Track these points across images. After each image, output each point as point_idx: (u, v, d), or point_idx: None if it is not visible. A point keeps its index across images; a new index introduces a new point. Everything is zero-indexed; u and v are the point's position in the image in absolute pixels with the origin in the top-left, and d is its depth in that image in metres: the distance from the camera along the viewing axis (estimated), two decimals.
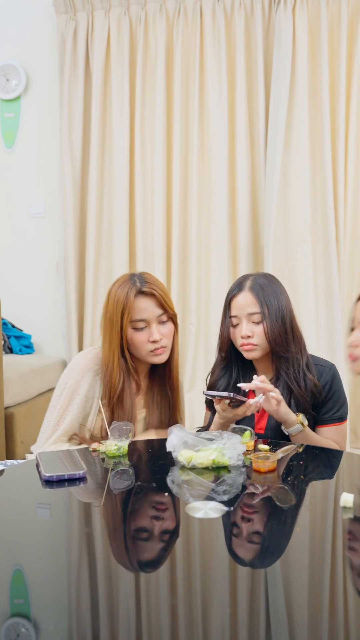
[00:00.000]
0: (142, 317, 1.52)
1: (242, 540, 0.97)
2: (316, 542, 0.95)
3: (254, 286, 1.60)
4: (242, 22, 3.04)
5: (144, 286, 1.53)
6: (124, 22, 3.16)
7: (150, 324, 1.53)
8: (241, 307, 1.60)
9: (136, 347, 1.53)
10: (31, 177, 3.45)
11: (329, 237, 2.98)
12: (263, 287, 1.60)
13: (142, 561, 0.90)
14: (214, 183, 3.11)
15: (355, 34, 2.97)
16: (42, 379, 3.04)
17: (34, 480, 1.21)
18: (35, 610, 0.77)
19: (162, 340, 1.54)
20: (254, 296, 1.58)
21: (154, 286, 1.54)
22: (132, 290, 1.52)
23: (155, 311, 1.53)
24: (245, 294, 1.60)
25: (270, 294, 1.59)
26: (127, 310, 1.51)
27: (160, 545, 0.94)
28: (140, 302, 1.52)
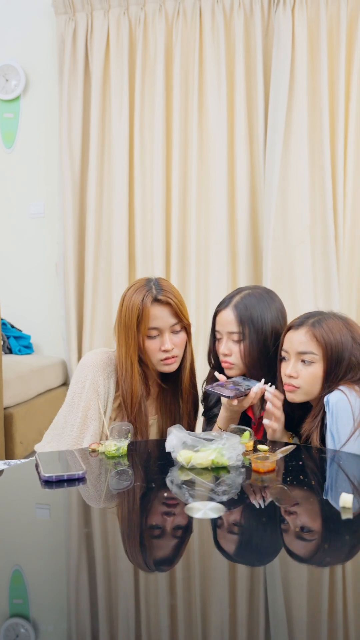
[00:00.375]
0: (156, 325, 1.50)
1: (241, 540, 0.97)
2: (315, 542, 0.95)
3: (239, 305, 1.56)
4: (242, 22, 3.04)
5: (160, 294, 1.50)
6: (123, 22, 3.16)
7: (163, 332, 1.51)
8: (223, 324, 1.58)
9: (147, 354, 1.51)
10: (30, 177, 3.45)
11: (328, 237, 2.98)
12: (249, 306, 1.55)
13: (141, 561, 0.90)
14: (213, 183, 3.11)
15: (354, 35, 2.97)
16: (41, 379, 3.04)
17: (33, 480, 1.21)
18: (34, 610, 0.77)
19: (174, 350, 1.52)
20: (235, 315, 1.55)
21: (170, 294, 1.51)
22: (147, 297, 1.49)
23: (170, 320, 1.51)
24: (229, 311, 1.56)
25: (255, 314, 1.54)
26: (142, 317, 1.48)
27: (160, 545, 0.94)
28: (155, 310, 1.49)
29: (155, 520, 1.03)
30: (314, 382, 1.43)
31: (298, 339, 1.44)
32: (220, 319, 1.59)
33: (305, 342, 1.43)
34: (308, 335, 1.43)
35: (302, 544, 0.95)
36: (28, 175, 3.45)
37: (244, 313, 1.54)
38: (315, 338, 1.42)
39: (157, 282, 1.54)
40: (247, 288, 1.63)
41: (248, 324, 1.53)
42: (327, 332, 1.42)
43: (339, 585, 0.85)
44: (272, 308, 1.58)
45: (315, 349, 1.42)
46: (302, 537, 0.96)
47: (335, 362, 1.41)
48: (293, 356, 1.45)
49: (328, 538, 0.97)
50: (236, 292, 1.62)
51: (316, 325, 1.44)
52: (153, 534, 0.98)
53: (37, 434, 2.85)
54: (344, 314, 1.53)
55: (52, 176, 3.40)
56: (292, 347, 1.45)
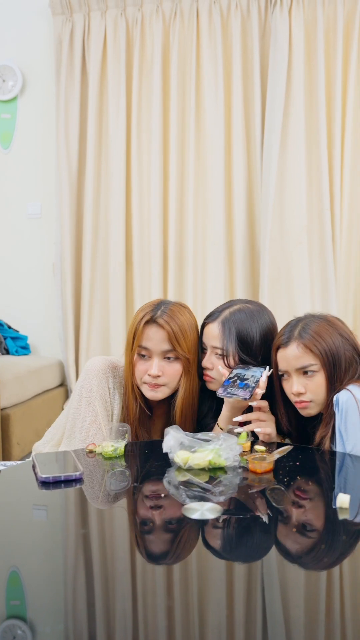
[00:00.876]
0: (146, 345, 1.47)
1: (239, 541, 0.97)
2: (312, 543, 0.95)
3: (227, 320, 1.51)
4: (238, 23, 3.05)
5: (160, 316, 1.46)
6: (121, 23, 3.16)
7: (153, 356, 1.47)
8: (208, 338, 1.54)
9: (134, 374, 1.49)
10: (28, 178, 3.45)
11: (325, 238, 2.99)
12: (236, 323, 1.51)
13: (138, 562, 0.90)
14: (210, 184, 3.11)
15: (350, 36, 2.98)
16: (38, 380, 3.03)
17: (30, 481, 1.21)
18: (31, 612, 0.77)
19: (161, 377, 1.47)
20: (221, 331, 1.51)
21: (170, 321, 1.45)
22: (146, 316, 1.47)
23: (162, 345, 1.46)
24: (215, 325, 1.52)
25: (242, 332, 1.50)
26: (136, 335, 1.47)
27: (157, 546, 0.94)
28: (147, 330, 1.46)
29: (152, 521, 1.03)
30: (322, 391, 1.41)
31: (292, 355, 1.42)
32: (206, 332, 1.55)
33: (300, 356, 1.41)
34: (300, 348, 1.41)
35: (299, 544, 0.95)
36: (25, 175, 3.45)
37: (231, 329, 1.50)
38: (308, 349, 1.40)
39: (168, 305, 1.50)
40: (238, 302, 1.59)
41: (232, 341, 1.50)
42: (317, 338, 1.41)
43: (336, 586, 0.85)
44: (262, 325, 1.53)
45: (313, 359, 1.40)
46: (299, 537, 0.96)
47: (334, 365, 1.41)
48: (293, 373, 1.43)
49: (325, 539, 0.97)
50: (227, 305, 1.58)
51: (304, 335, 1.42)
52: (150, 534, 0.98)
53: (34, 435, 2.84)
54: (321, 313, 1.51)
55: (49, 177, 3.39)
56: (290, 365, 1.43)
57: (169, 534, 0.98)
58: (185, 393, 1.51)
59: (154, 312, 1.47)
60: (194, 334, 1.52)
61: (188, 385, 1.51)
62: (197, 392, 1.57)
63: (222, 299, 3.07)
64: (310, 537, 0.97)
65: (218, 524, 1.01)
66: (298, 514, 1.05)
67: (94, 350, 3.26)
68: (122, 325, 3.22)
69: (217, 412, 1.58)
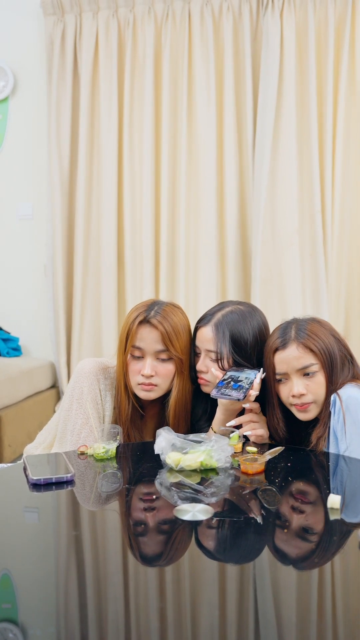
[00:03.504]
0: (139, 345, 1.46)
1: (230, 542, 0.97)
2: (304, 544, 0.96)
3: (220, 323, 1.51)
4: (230, 25, 3.06)
5: (154, 317, 1.45)
6: (112, 24, 3.16)
7: (146, 356, 1.47)
8: (202, 341, 1.53)
9: (128, 374, 1.49)
10: (19, 178, 3.44)
11: (316, 240, 3.00)
12: (229, 325, 1.50)
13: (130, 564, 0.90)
14: (202, 186, 3.12)
15: (341, 39, 3.00)
16: (30, 381, 3.02)
17: (21, 483, 1.21)
18: (23, 615, 0.76)
19: (154, 377, 1.46)
20: (215, 334, 1.50)
21: (164, 321, 1.45)
22: (139, 316, 1.46)
23: (155, 345, 1.46)
24: (208, 329, 1.52)
25: (236, 334, 1.50)
26: (129, 335, 1.47)
27: (148, 548, 0.94)
28: (141, 330, 1.46)
29: (144, 522, 1.03)
30: (322, 391, 1.41)
31: (293, 356, 1.41)
32: (199, 336, 1.54)
33: (301, 357, 1.40)
34: (300, 348, 1.40)
35: (290, 545, 0.95)
36: (16, 176, 3.44)
37: (225, 331, 1.50)
38: (308, 348, 1.40)
39: (162, 305, 1.50)
40: (230, 304, 1.58)
41: (226, 344, 1.49)
42: (314, 338, 1.41)
43: (328, 586, 0.85)
44: (254, 326, 1.53)
45: (313, 359, 1.40)
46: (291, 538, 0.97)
47: (332, 363, 1.41)
48: (294, 375, 1.42)
49: (316, 539, 0.98)
50: (218, 308, 1.57)
51: (301, 335, 1.42)
52: (142, 536, 0.98)
53: (26, 436, 2.83)
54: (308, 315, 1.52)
55: (41, 178, 3.39)
56: (290, 367, 1.42)
57: (160, 535, 0.98)
58: (178, 394, 1.51)
59: (148, 312, 1.47)
60: (186, 334, 1.53)
61: (181, 385, 1.51)
62: (190, 393, 1.57)
63: (214, 300, 3.07)
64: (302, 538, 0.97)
65: (210, 525, 1.01)
66: (289, 515, 1.06)
67: (85, 352, 3.25)
68: (114, 327, 3.22)
69: (212, 415, 1.58)
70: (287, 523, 1.02)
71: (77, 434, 1.47)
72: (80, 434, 1.47)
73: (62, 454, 1.34)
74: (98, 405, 1.51)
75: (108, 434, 1.39)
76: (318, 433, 1.43)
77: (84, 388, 1.50)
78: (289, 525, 1.01)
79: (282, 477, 1.23)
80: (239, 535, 0.99)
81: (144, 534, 0.99)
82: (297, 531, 0.99)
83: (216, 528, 1.01)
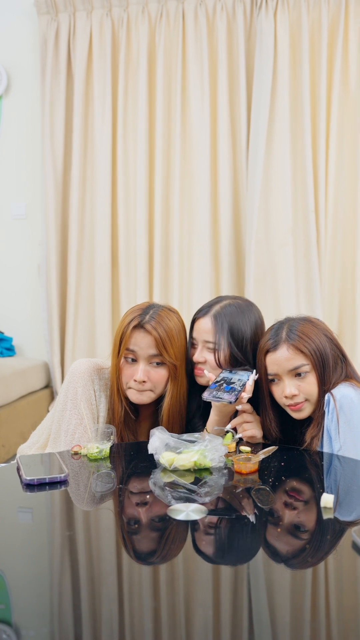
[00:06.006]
0: (133, 349, 1.46)
1: (224, 542, 0.98)
2: (297, 543, 0.96)
3: (219, 315, 1.53)
4: (224, 25, 3.06)
5: (148, 322, 1.45)
6: (106, 23, 3.15)
7: (139, 360, 1.47)
8: (200, 332, 1.55)
9: (120, 378, 1.49)
10: (12, 178, 3.43)
11: (310, 240, 3.01)
12: (227, 317, 1.53)
13: (123, 564, 0.90)
14: (196, 185, 3.12)
15: (335, 39, 3.01)
16: (23, 381, 3.02)
17: (15, 484, 1.20)
18: (16, 615, 0.76)
19: (147, 383, 1.46)
20: (213, 325, 1.52)
21: (158, 326, 1.45)
22: (134, 320, 1.46)
23: (148, 350, 1.45)
24: (207, 320, 1.54)
25: (234, 325, 1.52)
26: (123, 338, 1.46)
27: (142, 548, 0.94)
28: (135, 334, 1.45)
29: (138, 522, 1.03)
30: (315, 391, 1.42)
31: (284, 358, 1.42)
32: (197, 327, 1.56)
33: (292, 358, 1.41)
34: (291, 350, 1.41)
35: (284, 544, 0.95)
36: (10, 176, 3.43)
37: (224, 323, 1.52)
38: (299, 350, 1.41)
39: (157, 309, 1.49)
40: (227, 297, 1.60)
41: (225, 335, 1.51)
42: (305, 339, 1.41)
43: (322, 586, 0.86)
44: (251, 320, 1.55)
45: (304, 360, 1.41)
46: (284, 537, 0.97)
47: (324, 364, 1.41)
48: (285, 376, 1.42)
49: (309, 538, 0.98)
50: (216, 300, 1.60)
51: (292, 337, 1.42)
52: (135, 536, 0.98)
53: (19, 437, 2.83)
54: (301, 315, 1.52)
55: (34, 177, 3.38)
56: (282, 368, 1.42)
57: (154, 535, 0.98)
58: (172, 399, 1.51)
59: (142, 317, 1.46)
60: (182, 339, 1.52)
61: (175, 391, 1.50)
62: (185, 397, 1.56)
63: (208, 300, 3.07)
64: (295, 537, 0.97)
65: (203, 525, 1.01)
66: (283, 514, 1.06)
67: (79, 352, 3.25)
68: (108, 327, 3.21)
69: (206, 411, 1.58)
70: (281, 522, 1.03)
71: (71, 434, 1.47)
72: (74, 434, 1.47)
73: (56, 454, 1.34)
74: (92, 405, 1.51)
75: (102, 434, 1.39)
76: (312, 433, 1.43)
77: (78, 388, 1.50)
78: (282, 524, 1.02)
79: (275, 476, 1.24)
80: (233, 535, 0.99)
81: (137, 534, 0.99)
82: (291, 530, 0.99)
83: (210, 528, 1.01)
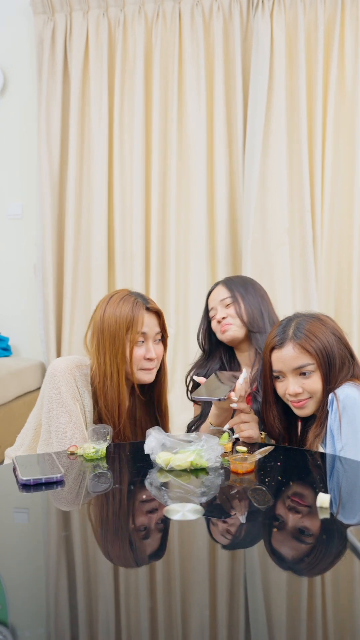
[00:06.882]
0: (145, 331, 1.52)
1: (220, 541, 0.98)
2: (294, 542, 0.96)
3: (227, 281, 1.79)
4: (221, 25, 3.06)
5: (148, 303, 1.55)
6: (103, 23, 3.15)
7: (148, 340, 1.54)
8: (214, 299, 1.76)
9: (132, 362, 1.51)
10: (8, 178, 3.42)
11: (306, 239, 3.01)
12: (234, 280, 1.78)
13: (120, 564, 0.90)
14: (192, 185, 3.12)
15: (331, 39, 3.01)
16: (19, 382, 3.01)
17: (11, 484, 1.20)
18: (12, 616, 0.76)
19: (155, 360, 1.54)
20: (224, 286, 1.76)
21: (156, 305, 1.58)
22: (138, 305, 1.52)
23: (155, 329, 1.55)
24: (218, 288, 1.78)
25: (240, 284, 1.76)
26: (133, 323, 1.50)
27: (139, 548, 0.94)
28: (146, 318, 1.53)
29: (134, 522, 1.03)
30: (319, 389, 1.41)
31: (288, 356, 1.41)
32: (211, 297, 1.78)
33: (297, 357, 1.40)
34: (296, 349, 1.40)
35: (280, 544, 0.95)
36: (6, 176, 3.42)
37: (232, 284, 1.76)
38: (304, 349, 1.40)
39: (140, 294, 1.58)
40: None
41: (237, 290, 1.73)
42: (312, 338, 1.40)
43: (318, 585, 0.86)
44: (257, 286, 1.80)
45: (309, 359, 1.40)
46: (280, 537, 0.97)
47: (329, 364, 1.40)
48: (290, 374, 1.42)
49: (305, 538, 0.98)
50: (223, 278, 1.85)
51: (298, 335, 1.41)
52: (132, 536, 0.98)
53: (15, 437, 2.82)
54: (311, 311, 1.52)
55: (31, 177, 3.37)
56: (286, 366, 1.42)
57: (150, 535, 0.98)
58: (164, 369, 1.63)
59: (144, 300, 1.55)
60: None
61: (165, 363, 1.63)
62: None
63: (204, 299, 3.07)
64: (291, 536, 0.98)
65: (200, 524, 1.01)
66: (279, 514, 1.06)
67: (75, 352, 3.24)
68: None
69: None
70: (277, 522, 1.03)
71: (62, 433, 1.47)
72: (65, 432, 1.47)
73: (52, 454, 1.34)
74: (78, 401, 1.51)
75: (98, 434, 1.38)
76: (315, 432, 1.43)
77: (61, 387, 1.50)
78: (278, 524, 1.02)
79: (272, 476, 1.24)
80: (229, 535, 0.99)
81: (134, 534, 0.99)
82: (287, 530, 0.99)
83: (206, 528, 1.01)
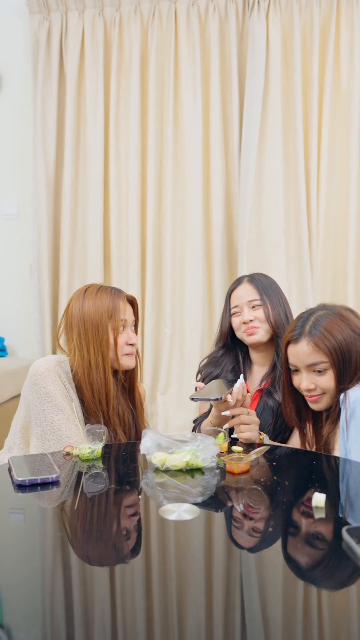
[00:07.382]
0: (126, 318, 1.59)
1: (216, 541, 0.98)
2: (289, 542, 0.96)
3: (252, 279, 1.78)
4: (216, 26, 3.06)
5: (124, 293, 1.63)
6: (99, 23, 3.15)
7: (127, 327, 1.60)
8: (241, 297, 1.75)
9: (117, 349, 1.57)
10: (4, 178, 3.41)
11: (302, 240, 3.02)
12: (261, 279, 1.79)
13: (116, 565, 0.90)
14: (188, 186, 3.12)
15: (326, 40, 3.02)
16: (15, 382, 3.00)
17: (6, 485, 1.20)
18: (8, 617, 0.76)
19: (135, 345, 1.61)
20: (252, 286, 1.75)
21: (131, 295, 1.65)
22: (117, 294, 1.59)
23: (132, 317, 1.63)
24: (245, 285, 1.77)
25: (267, 286, 1.78)
26: (115, 312, 1.56)
27: (134, 548, 0.94)
28: (125, 306, 1.60)
29: (130, 523, 1.03)
30: (332, 386, 1.40)
31: (303, 352, 1.40)
32: (236, 294, 1.77)
33: (311, 354, 1.39)
34: (310, 346, 1.39)
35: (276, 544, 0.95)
36: (1, 176, 3.41)
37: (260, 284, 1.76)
38: (318, 347, 1.38)
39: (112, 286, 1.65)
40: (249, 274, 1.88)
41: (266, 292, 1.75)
42: (328, 336, 1.38)
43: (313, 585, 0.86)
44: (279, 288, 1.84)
45: (323, 357, 1.38)
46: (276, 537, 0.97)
47: (345, 362, 1.38)
48: (303, 369, 1.42)
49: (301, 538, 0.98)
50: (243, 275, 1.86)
51: (314, 333, 1.39)
52: (128, 536, 0.98)
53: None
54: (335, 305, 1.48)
55: (26, 177, 3.36)
56: (300, 361, 1.42)
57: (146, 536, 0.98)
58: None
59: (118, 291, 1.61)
60: None
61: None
62: None
63: (200, 300, 3.08)
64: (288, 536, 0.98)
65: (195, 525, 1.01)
66: (275, 514, 1.06)
67: None
68: None
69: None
70: (273, 522, 1.03)
71: (58, 430, 1.47)
72: (61, 429, 1.47)
73: (47, 454, 1.34)
74: (66, 397, 1.52)
75: (94, 434, 1.38)
76: (329, 429, 1.43)
77: (48, 386, 1.51)
78: (274, 524, 1.02)
79: (267, 476, 1.24)
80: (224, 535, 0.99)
81: (129, 534, 0.99)
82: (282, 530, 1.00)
83: (201, 528, 1.01)
